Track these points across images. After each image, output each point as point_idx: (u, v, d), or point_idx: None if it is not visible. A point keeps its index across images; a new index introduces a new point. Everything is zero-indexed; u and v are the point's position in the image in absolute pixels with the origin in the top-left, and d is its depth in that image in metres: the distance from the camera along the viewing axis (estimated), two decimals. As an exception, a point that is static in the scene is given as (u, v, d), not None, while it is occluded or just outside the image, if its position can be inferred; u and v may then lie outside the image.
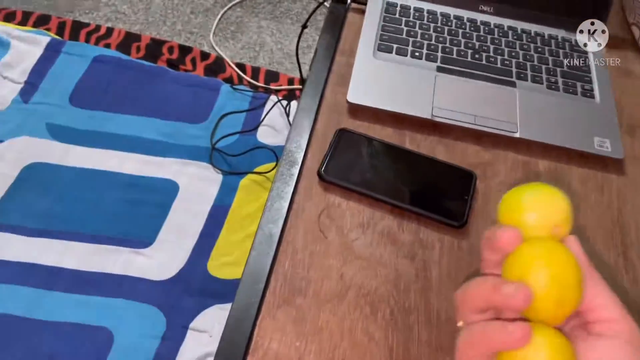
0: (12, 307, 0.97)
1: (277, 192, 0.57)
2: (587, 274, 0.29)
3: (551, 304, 0.28)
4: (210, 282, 1.03)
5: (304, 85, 0.67)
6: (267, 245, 0.53)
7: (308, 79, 0.68)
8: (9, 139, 1.20)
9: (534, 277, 0.28)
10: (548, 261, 0.28)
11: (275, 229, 0.54)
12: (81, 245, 1.06)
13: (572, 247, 0.30)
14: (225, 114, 1.29)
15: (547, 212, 0.30)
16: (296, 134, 0.62)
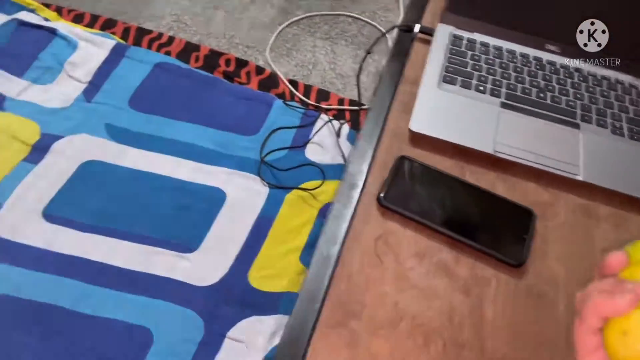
0: (60, 298, 1.00)
1: (336, 214, 0.58)
2: None
3: None
4: (250, 293, 1.04)
5: (369, 111, 0.69)
6: (324, 266, 0.54)
7: (372, 104, 0.69)
8: (70, 135, 1.25)
9: None
10: None
11: (333, 250, 0.55)
12: (129, 245, 1.09)
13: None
14: (276, 128, 1.31)
15: None
16: (358, 158, 0.63)
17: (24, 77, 1.35)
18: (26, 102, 1.29)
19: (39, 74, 1.36)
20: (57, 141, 1.23)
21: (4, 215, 1.10)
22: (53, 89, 1.34)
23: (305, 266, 1.10)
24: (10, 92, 1.31)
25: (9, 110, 1.27)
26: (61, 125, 1.26)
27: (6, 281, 1.01)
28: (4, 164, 1.17)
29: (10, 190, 1.14)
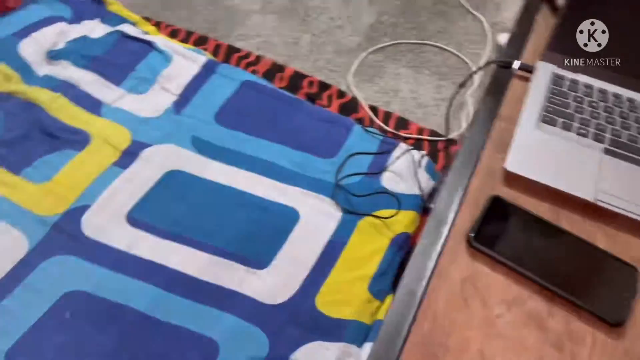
0: (135, 301, 1.04)
1: (422, 250, 0.57)
2: None
3: None
4: (316, 317, 1.04)
5: (461, 145, 0.67)
6: (408, 303, 0.53)
7: (465, 139, 0.68)
8: (158, 144, 1.30)
9: None
10: None
11: (418, 287, 0.54)
12: (203, 255, 1.12)
13: None
14: (354, 153, 1.31)
15: None
16: (447, 193, 0.62)
17: (121, 86, 1.43)
18: (121, 109, 1.37)
19: (134, 84, 1.44)
20: (146, 149, 1.29)
21: (92, 216, 1.16)
22: (146, 99, 1.41)
23: (373, 295, 1.08)
24: (107, 98, 1.39)
25: (104, 116, 1.35)
26: (151, 134, 1.32)
27: (88, 278, 1.06)
28: (96, 167, 1.24)
29: (99, 192, 1.20)
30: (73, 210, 1.16)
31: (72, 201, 1.18)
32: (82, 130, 1.31)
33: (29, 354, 0.96)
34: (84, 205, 1.17)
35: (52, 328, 1.00)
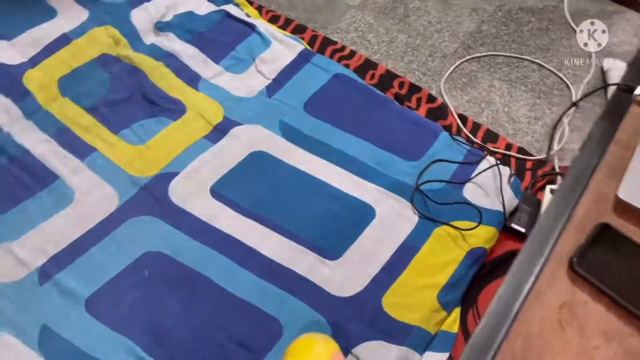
0: (210, 270, 1.07)
1: (521, 267, 0.55)
2: None
3: None
4: (380, 317, 1.03)
5: (572, 167, 0.64)
6: (501, 318, 0.51)
7: (574, 161, 0.65)
8: (247, 124, 1.34)
9: None
10: None
11: (513, 304, 0.52)
12: (279, 237, 1.14)
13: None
14: (439, 159, 1.29)
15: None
16: (552, 213, 0.59)
17: (220, 64, 1.48)
18: (217, 86, 1.42)
19: (232, 63, 1.48)
20: (236, 127, 1.33)
21: (179, 183, 1.21)
22: (241, 79, 1.45)
23: (441, 305, 1.07)
24: (205, 74, 1.44)
25: (201, 90, 1.40)
26: (242, 113, 1.36)
27: (168, 242, 1.11)
28: (187, 137, 1.29)
29: (188, 162, 1.25)
30: (162, 175, 1.22)
31: (162, 166, 1.23)
32: (179, 100, 1.36)
33: (107, 303, 1.02)
34: (172, 172, 1.23)
35: (130, 283, 1.05)
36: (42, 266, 1.05)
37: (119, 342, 0.96)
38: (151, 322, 1.00)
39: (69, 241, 1.09)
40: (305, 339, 0.37)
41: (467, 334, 1.08)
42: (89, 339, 0.96)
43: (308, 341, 0.37)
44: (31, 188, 1.15)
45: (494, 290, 1.14)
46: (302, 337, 0.37)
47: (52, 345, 0.95)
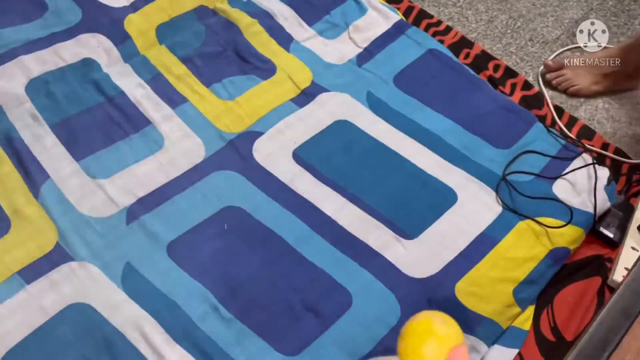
0: (286, 233, 1.09)
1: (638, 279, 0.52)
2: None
3: None
4: (452, 303, 1.01)
5: None
6: (622, 317, 0.48)
7: None
8: (335, 91, 1.32)
9: None
10: None
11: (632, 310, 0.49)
12: (355, 209, 1.13)
13: None
14: (531, 150, 1.24)
15: None
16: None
17: (313, 27, 1.46)
18: (308, 49, 1.40)
19: (325, 28, 1.46)
20: (323, 93, 1.32)
21: (263, 143, 1.22)
22: (333, 45, 1.43)
23: (516, 301, 1.03)
24: (298, 36, 1.43)
25: (292, 52, 1.40)
26: (330, 79, 1.35)
27: (249, 199, 1.13)
28: (275, 98, 1.30)
29: (274, 122, 1.25)
30: (248, 133, 1.23)
31: (249, 124, 1.24)
32: (270, 60, 1.36)
33: (187, 250, 1.05)
34: (258, 131, 1.24)
35: (210, 234, 1.08)
36: (129, 207, 1.09)
37: (196, 289, 1.00)
38: (227, 275, 1.02)
39: (156, 186, 1.12)
40: (424, 320, 0.36)
41: (538, 333, 1.05)
42: (168, 282, 1.00)
43: (427, 323, 0.36)
44: (125, 130, 1.19)
45: (572, 293, 1.10)
46: (418, 316, 0.36)
47: (134, 282, 1.00)
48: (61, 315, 0.95)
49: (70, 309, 0.96)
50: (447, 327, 0.36)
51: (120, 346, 0.93)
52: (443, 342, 0.35)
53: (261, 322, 0.98)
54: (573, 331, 1.04)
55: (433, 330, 0.36)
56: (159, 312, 0.97)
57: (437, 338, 0.35)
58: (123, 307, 0.97)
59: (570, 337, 1.04)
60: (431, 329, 0.36)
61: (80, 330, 0.94)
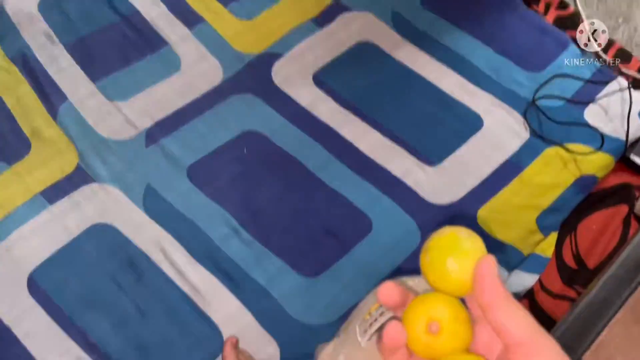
0: (305, 158, 1.07)
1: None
2: (494, 298, 0.31)
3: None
4: (475, 230, 1.00)
5: None
6: (625, 279, 0.47)
7: None
8: (357, 11, 1.26)
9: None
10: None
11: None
12: (376, 134, 1.11)
13: (480, 269, 0.32)
14: (562, 74, 1.18)
15: None
16: None
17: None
18: (330, -35, 1.32)
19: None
20: (345, 12, 1.25)
21: (282, 65, 1.18)
22: (356, -40, 1.34)
23: (539, 228, 1.02)
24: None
25: (313, -32, 1.32)
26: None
27: (268, 123, 1.11)
28: (295, 18, 1.24)
29: (293, 44, 1.21)
30: (267, 54, 1.19)
31: (267, 45, 1.20)
32: (290, -23, 1.29)
33: (206, 174, 1.05)
34: (277, 52, 1.19)
35: (229, 158, 1.07)
36: (148, 129, 1.08)
37: (216, 212, 1.00)
38: (248, 198, 1.02)
39: (174, 109, 1.10)
40: (449, 234, 0.34)
41: (560, 260, 1.04)
42: (189, 205, 1.00)
43: (452, 237, 0.34)
44: (141, 51, 1.16)
45: (596, 220, 1.08)
46: (443, 231, 0.34)
47: (155, 204, 1.00)
48: (85, 235, 0.96)
49: (93, 229, 0.97)
50: (472, 240, 0.34)
51: (144, 265, 0.95)
52: (469, 255, 0.33)
53: (281, 245, 0.99)
54: (595, 259, 1.03)
55: (458, 244, 0.34)
56: (181, 234, 0.98)
57: (463, 251, 0.33)
58: (145, 228, 0.98)
59: (593, 264, 1.02)
60: (457, 242, 0.34)
61: (104, 250, 0.96)
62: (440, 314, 0.33)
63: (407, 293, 0.35)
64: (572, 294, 0.99)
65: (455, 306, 0.34)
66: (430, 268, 0.34)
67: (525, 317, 0.31)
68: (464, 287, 0.33)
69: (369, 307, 0.50)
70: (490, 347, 0.33)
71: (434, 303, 0.34)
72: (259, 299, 0.94)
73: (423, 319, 0.33)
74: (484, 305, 0.32)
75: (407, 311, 0.34)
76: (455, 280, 0.33)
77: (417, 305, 0.34)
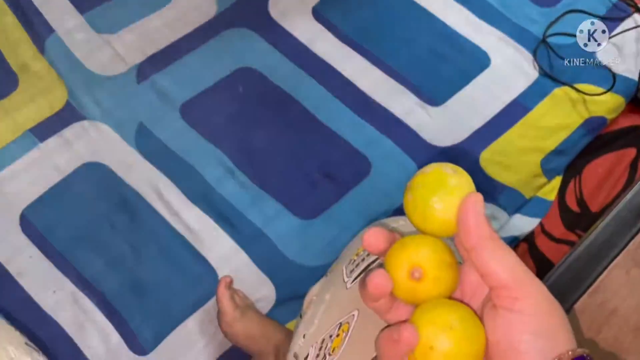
0: (304, 97, 1.02)
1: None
2: (479, 239, 0.30)
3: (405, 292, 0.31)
4: (475, 172, 0.98)
5: None
6: (627, 222, 0.44)
7: None
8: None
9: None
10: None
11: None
12: (378, 72, 1.06)
13: (464, 208, 0.30)
14: (576, 9, 1.11)
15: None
16: None
17: None
18: None
19: None
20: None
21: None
22: None
23: (543, 171, 0.99)
24: None
25: None
26: None
27: (265, 60, 1.06)
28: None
29: (292, -26, 1.14)
30: (264, -15, 1.12)
31: (264, -25, 1.13)
32: None
33: (201, 112, 1.01)
34: (274, -17, 1.13)
35: (224, 96, 1.03)
36: (139, 64, 1.04)
37: (211, 151, 0.97)
38: (243, 139, 0.99)
39: (166, 43, 1.06)
40: (433, 171, 0.31)
41: (563, 204, 1.02)
42: (182, 144, 0.98)
43: (436, 174, 0.31)
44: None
45: (602, 164, 1.05)
46: (428, 168, 0.31)
47: (147, 143, 0.98)
48: (76, 173, 0.94)
49: (85, 168, 0.95)
50: (458, 177, 0.31)
51: (138, 205, 0.93)
52: (454, 192, 0.30)
53: (278, 186, 0.97)
54: (599, 202, 1.00)
55: (443, 181, 0.31)
56: (175, 173, 0.96)
57: (448, 189, 0.31)
58: (138, 167, 0.96)
59: (596, 208, 1.00)
60: (441, 179, 0.31)
61: (96, 189, 0.94)
62: (423, 259, 0.30)
63: (393, 236, 0.33)
64: (574, 238, 0.98)
65: (439, 250, 0.31)
66: (413, 208, 0.32)
67: (512, 259, 0.29)
68: (449, 227, 0.31)
69: (357, 247, 0.48)
70: (477, 290, 0.31)
71: (416, 247, 0.31)
72: (254, 240, 0.93)
73: (405, 265, 0.31)
74: (468, 247, 0.30)
75: (389, 256, 0.32)
76: (440, 220, 0.31)
77: (399, 250, 0.31)
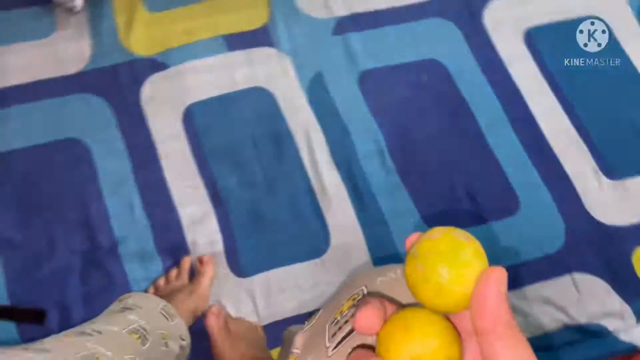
0: (480, 112, 0.98)
1: None
2: (495, 324, 0.25)
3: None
4: (623, 265, 0.89)
5: None
6: None
7: None
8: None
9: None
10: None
11: None
12: (565, 119, 0.99)
13: (484, 285, 0.25)
14: None
15: None
16: None
17: None
18: None
19: None
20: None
21: (496, 8, 1.07)
22: None
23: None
24: None
25: None
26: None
27: (457, 59, 1.02)
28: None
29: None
30: (488, -10, 1.08)
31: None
32: None
33: (377, 86, 1.00)
34: (499, -8, 1.08)
35: (405, 79, 1.01)
36: (341, 18, 1.03)
37: (371, 126, 0.96)
38: (405, 126, 0.97)
39: (374, 8, 1.05)
40: (443, 237, 0.25)
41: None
42: (348, 108, 0.96)
43: (448, 241, 0.25)
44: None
45: None
46: (435, 233, 0.25)
47: (318, 93, 0.97)
48: (247, 92, 0.97)
49: (256, 90, 0.98)
50: (473, 245, 0.26)
51: (288, 145, 0.95)
52: (471, 263, 0.26)
53: (418, 186, 0.94)
54: None
55: (458, 249, 0.26)
56: (330, 131, 0.96)
57: (465, 259, 0.26)
58: (301, 111, 0.97)
59: None
60: (455, 247, 0.26)
61: (257, 114, 0.96)
62: (428, 355, 0.26)
63: (387, 311, 0.28)
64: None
65: (448, 342, 0.26)
66: (423, 280, 0.26)
67: (525, 355, 0.25)
68: (464, 304, 0.26)
69: (344, 299, 0.42)
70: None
71: (423, 336, 0.26)
72: (375, 224, 0.91)
73: (407, 357, 0.26)
74: (479, 328, 0.25)
75: (386, 336, 0.27)
76: (457, 295, 0.26)
77: (401, 335, 0.26)
